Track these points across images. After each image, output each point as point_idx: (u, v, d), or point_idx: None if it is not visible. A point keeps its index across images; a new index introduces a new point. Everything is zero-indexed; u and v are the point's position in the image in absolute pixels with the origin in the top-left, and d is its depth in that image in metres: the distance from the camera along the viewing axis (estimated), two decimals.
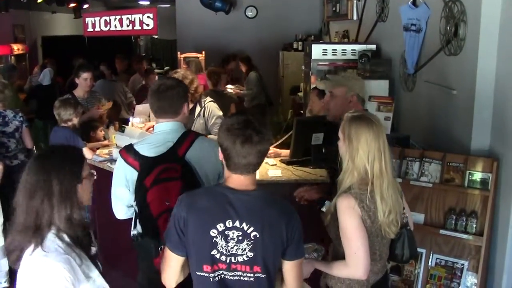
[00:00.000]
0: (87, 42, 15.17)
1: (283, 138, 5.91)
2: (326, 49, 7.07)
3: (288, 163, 5.22)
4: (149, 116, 6.72)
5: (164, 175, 3.07)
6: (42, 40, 15.97)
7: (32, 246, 2.42)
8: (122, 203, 3.45)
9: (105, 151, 5.91)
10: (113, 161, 5.48)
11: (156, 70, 13.94)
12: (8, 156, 6.07)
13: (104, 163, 5.54)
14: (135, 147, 3.35)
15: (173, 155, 3.23)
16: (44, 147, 6.47)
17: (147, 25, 6.89)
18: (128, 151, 3.35)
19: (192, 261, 2.59)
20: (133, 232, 3.32)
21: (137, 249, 3.52)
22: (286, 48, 11.59)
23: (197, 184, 3.18)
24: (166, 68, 16.58)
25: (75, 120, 5.82)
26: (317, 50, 7.09)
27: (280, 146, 5.66)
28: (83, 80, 6.60)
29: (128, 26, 7.01)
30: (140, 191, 3.17)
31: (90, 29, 7.42)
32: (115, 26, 7.15)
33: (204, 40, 11.56)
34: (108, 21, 7.18)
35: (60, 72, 10.93)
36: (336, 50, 7.07)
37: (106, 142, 6.24)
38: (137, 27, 6.97)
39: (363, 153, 2.86)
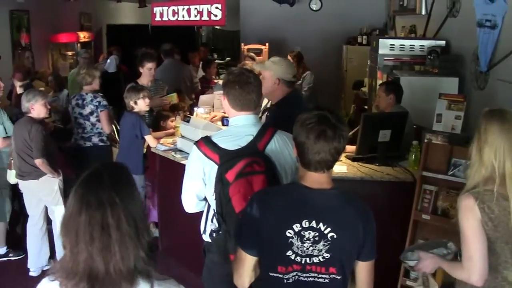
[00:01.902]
0: (150, 31, 15.32)
1: (349, 134, 5.81)
2: (393, 44, 6.94)
3: (353, 159, 5.13)
4: (212, 106, 6.74)
5: (248, 169, 2.94)
6: (107, 28, 16.19)
7: None
8: (195, 196, 3.32)
9: (170, 140, 5.95)
10: (177, 150, 5.50)
11: (217, 61, 13.99)
12: (83, 137, 6.27)
13: (168, 152, 5.57)
14: (214, 139, 3.20)
15: (253, 148, 3.11)
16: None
17: (215, 15, 6.87)
18: (207, 143, 3.18)
19: (265, 262, 2.54)
20: (211, 227, 3.24)
21: (207, 244, 3.41)
22: (350, 42, 11.42)
23: (279, 179, 3.09)
24: (228, 59, 16.60)
25: (143, 106, 5.88)
26: (384, 45, 6.96)
27: None
28: (147, 69, 6.66)
29: (196, 16, 7.01)
30: (221, 185, 3.02)
31: (158, 18, 7.46)
32: (183, 16, 7.16)
33: (267, 32, 11.50)
34: (176, 11, 7.20)
35: (125, 60, 11.08)
36: (404, 45, 6.93)
37: (171, 131, 6.29)
38: (205, 17, 6.95)
39: (490, 149, 2.74)
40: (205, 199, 3.30)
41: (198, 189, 3.28)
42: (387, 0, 11.01)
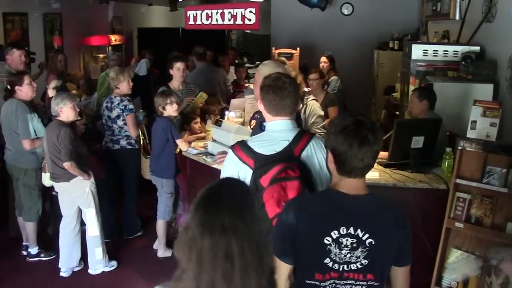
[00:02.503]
0: (181, 35, 15.40)
1: None
2: (426, 50, 6.86)
3: (385, 165, 5.08)
4: (243, 110, 6.73)
5: (282, 175, 2.91)
6: (138, 31, 16.31)
7: None
8: None
9: (200, 143, 5.96)
10: (208, 154, 5.51)
11: (247, 65, 14.00)
12: (112, 139, 6.35)
13: (200, 156, 5.58)
14: (249, 144, 3.18)
15: (289, 154, 3.07)
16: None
17: (249, 19, 6.85)
18: (242, 148, 3.17)
19: (301, 269, 2.51)
20: None
21: None
22: (381, 47, 11.33)
23: (314, 185, 3.05)
24: (258, 63, 16.59)
25: (172, 111, 5.89)
26: (417, 50, 6.88)
27: None
28: (177, 70, 6.65)
29: (229, 20, 7.00)
30: (255, 190, 2.97)
31: (191, 22, 7.46)
32: (217, 20, 7.16)
33: (298, 36, 11.48)
34: (210, 15, 7.20)
35: (156, 63, 11.13)
36: (437, 51, 6.85)
37: (202, 134, 6.29)
38: (239, 21, 6.94)
39: None
40: None
41: None
42: (420, 5, 10.91)
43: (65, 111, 5.46)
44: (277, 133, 3.19)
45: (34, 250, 6.08)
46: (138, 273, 5.82)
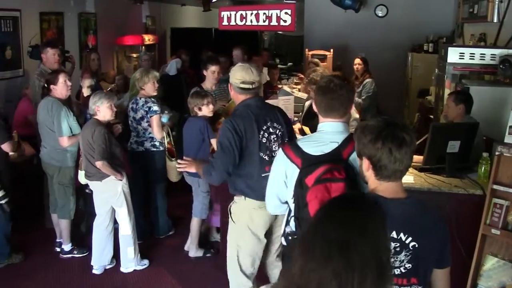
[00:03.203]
0: (213, 35, 15.46)
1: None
2: (463, 53, 6.74)
3: (420, 169, 5.01)
4: None
5: (327, 175, 2.92)
6: (171, 31, 16.40)
7: None
8: (277, 198, 3.40)
9: None
10: None
11: (279, 66, 13.96)
12: (137, 141, 6.34)
13: None
14: (299, 143, 3.25)
15: (337, 156, 3.09)
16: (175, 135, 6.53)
17: (284, 21, 6.84)
18: (292, 147, 3.24)
19: None
20: (286, 229, 3.24)
21: (284, 249, 3.41)
22: (415, 49, 11.23)
23: (360, 188, 3.01)
24: (290, 64, 16.56)
25: (207, 112, 5.88)
26: (453, 53, 6.76)
27: None
28: (211, 73, 6.65)
29: (264, 21, 6.99)
30: (300, 189, 3.04)
31: (225, 22, 7.45)
32: (251, 21, 7.15)
33: (331, 38, 11.44)
34: (244, 16, 7.19)
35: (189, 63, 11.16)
36: (474, 54, 6.72)
37: None
38: (274, 22, 6.92)
39: None
40: (286, 203, 3.33)
41: (279, 190, 3.34)
42: (455, 7, 10.79)
43: (102, 110, 5.50)
44: (327, 135, 3.23)
45: (67, 247, 6.15)
46: (169, 273, 5.84)
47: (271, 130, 4.19)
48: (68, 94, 5.98)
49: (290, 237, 3.20)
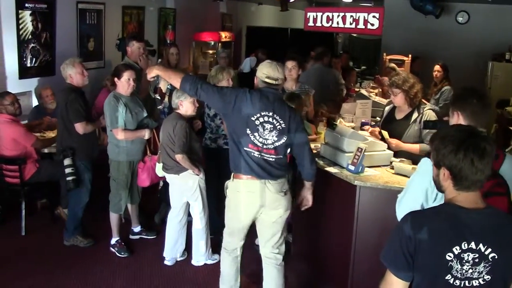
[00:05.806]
0: (289, 35, 15.49)
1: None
2: None
3: None
4: (354, 115, 6.67)
5: (497, 189, 2.88)
6: (247, 29, 16.52)
7: None
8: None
9: (311, 146, 5.90)
10: (319, 157, 5.46)
11: None
12: (211, 137, 6.34)
13: None
14: None
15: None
16: None
17: (372, 24, 6.82)
18: None
19: (419, 286, 2.43)
20: None
21: None
22: (496, 58, 10.96)
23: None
24: (363, 67, 16.43)
25: None
26: None
27: None
28: (287, 70, 6.63)
29: (351, 24, 6.98)
30: None
31: (311, 23, 7.47)
32: (337, 23, 7.14)
33: (409, 43, 11.30)
34: (331, 17, 7.18)
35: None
36: None
37: (313, 136, 6.23)
38: (361, 25, 6.91)
39: None
40: None
41: (417, 200, 3.21)
42: None
43: (185, 105, 5.58)
44: None
45: (137, 229, 6.52)
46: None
47: (270, 120, 4.27)
48: (129, 91, 5.89)
49: None
